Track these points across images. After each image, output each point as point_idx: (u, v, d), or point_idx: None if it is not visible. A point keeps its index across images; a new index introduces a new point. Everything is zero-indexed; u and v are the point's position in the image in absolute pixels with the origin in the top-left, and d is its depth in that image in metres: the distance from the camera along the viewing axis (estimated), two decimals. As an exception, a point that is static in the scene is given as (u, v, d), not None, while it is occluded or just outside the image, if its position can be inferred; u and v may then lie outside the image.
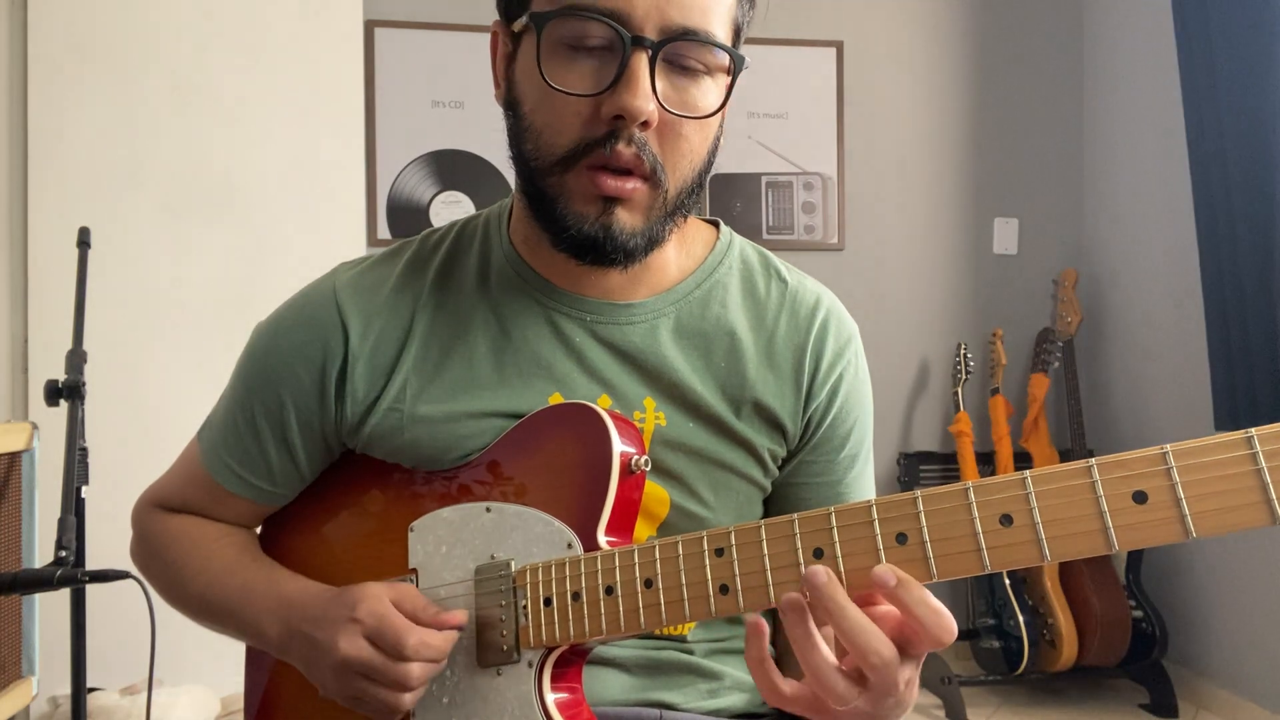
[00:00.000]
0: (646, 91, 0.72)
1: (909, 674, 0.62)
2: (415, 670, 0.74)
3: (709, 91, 0.77)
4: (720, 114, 0.79)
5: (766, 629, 0.65)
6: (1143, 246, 3.02)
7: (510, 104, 0.80)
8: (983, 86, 3.26)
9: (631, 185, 0.76)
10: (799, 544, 0.65)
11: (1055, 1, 3.28)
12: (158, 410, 2.36)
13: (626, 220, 0.77)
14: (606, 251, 0.78)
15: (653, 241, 0.79)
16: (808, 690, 0.64)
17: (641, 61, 0.72)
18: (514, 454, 0.81)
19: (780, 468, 0.89)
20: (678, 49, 0.74)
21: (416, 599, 0.77)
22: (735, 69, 0.77)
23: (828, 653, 0.63)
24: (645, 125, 0.74)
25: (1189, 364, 2.73)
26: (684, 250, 0.89)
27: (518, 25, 0.77)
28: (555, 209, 0.78)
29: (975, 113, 3.26)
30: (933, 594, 0.61)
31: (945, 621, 0.60)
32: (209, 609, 0.88)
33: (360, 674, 0.75)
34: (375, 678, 0.74)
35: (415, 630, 0.74)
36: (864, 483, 0.92)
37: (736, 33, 0.79)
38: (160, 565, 0.93)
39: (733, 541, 0.67)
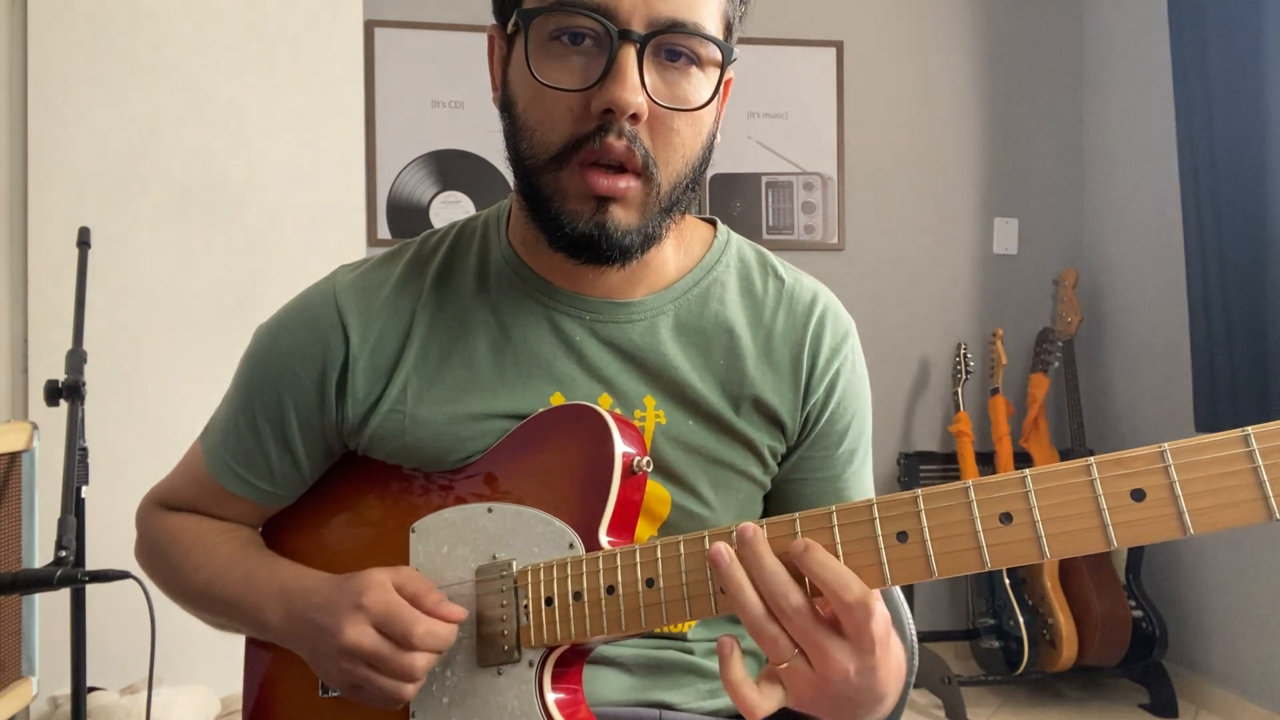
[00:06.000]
0: (635, 84, 0.72)
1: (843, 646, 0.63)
2: (420, 661, 0.74)
3: (700, 85, 0.77)
4: (712, 107, 0.79)
5: (736, 648, 0.66)
6: (1143, 246, 3.03)
7: (505, 105, 0.81)
8: (983, 86, 3.26)
9: (625, 184, 0.76)
10: (800, 543, 0.65)
11: (1055, 2, 3.29)
12: (158, 410, 2.36)
13: (621, 218, 0.77)
14: (602, 250, 0.77)
15: (649, 239, 0.79)
16: (778, 689, 0.65)
17: (629, 55, 0.72)
18: (516, 455, 0.81)
19: (780, 464, 0.89)
20: (666, 41, 0.74)
21: (419, 582, 0.78)
22: (725, 61, 0.77)
23: (757, 600, 0.64)
24: (635, 119, 0.74)
25: (1189, 364, 2.72)
26: (682, 248, 0.90)
27: (510, 26, 0.78)
28: (550, 208, 0.78)
29: (975, 113, 3.26)
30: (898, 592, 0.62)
31: (844, 581, 0.62)
32: (213, 602, 0.89)
33: (365, 662, 0.75)
34: (380, 667, 0.75)
35: (422, 620, 0.74)
36: (863, 478, 0.93)
37: (728, 27, 0.80)
38: (164, 562, 0.94)
39: (734, 541, 0.67)
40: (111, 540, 1.47)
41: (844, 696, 0.64)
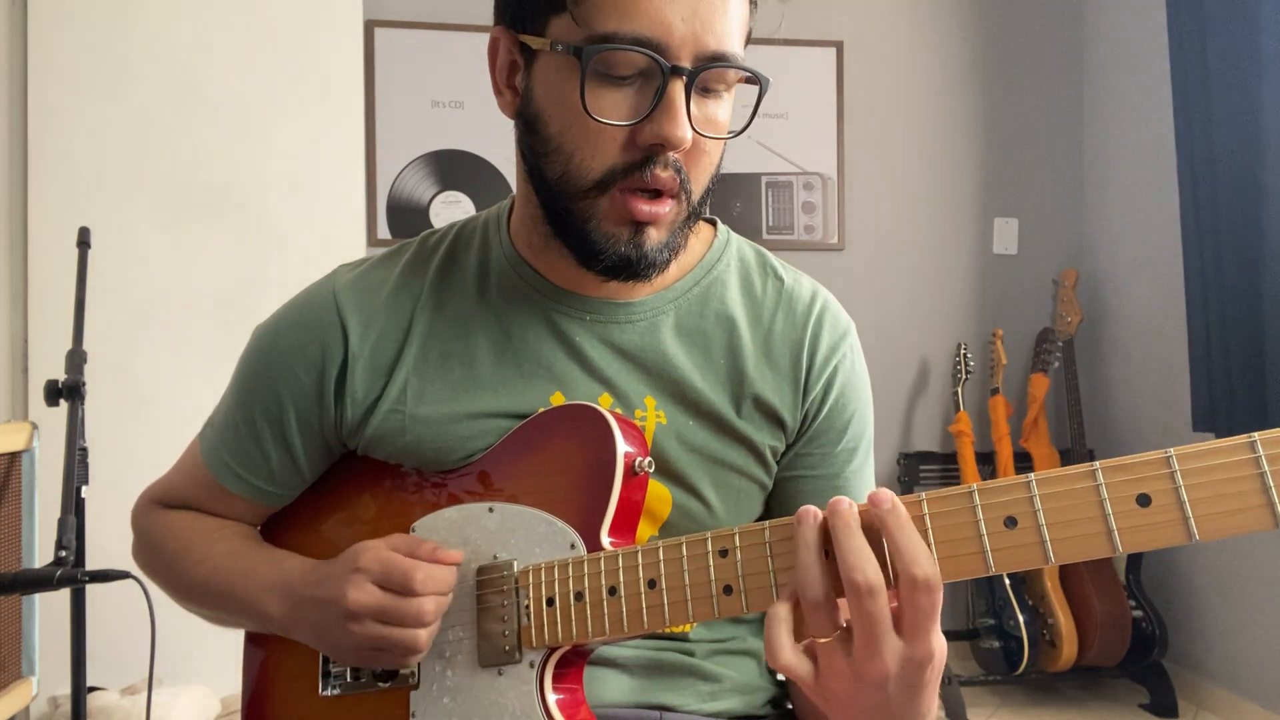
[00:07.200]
0: (685, 120, 0.74)
1: (899, 651, 0.60)
2: (429, 604, 0.75)
3: (727, 107, 0.79)
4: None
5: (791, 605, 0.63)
6: (1143, 247, 3.02)
7: (527, 119, 0.80)
8: (983, 86, 3.26)
9: (665, 208, 0.77)
10: (802, 545, 0.65)
11: (1055, 2, 3.28)
12: (158, 410, 2.36)
13: (656, 238, 0.78)
14: (639, 270, 0.79)
15: (675, 250, 0.81)
16: (809, 662, 0.62)
17: (679, 90, 0.73)
18: (517, 454, 0.81)
19: (779, 461, 0.89)
20: (710, 76, 0.75)
21: (411, 539, 0.79)
22: (761, 90, 0.78)
23: (824, 571, 0.61)
24: (680, 150, 0.75)
25: (1187, 364, 2.72)
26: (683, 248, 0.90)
27: (536, 43, 0.77)
28: (586, 231, 0.78)
29: (975, 112, 3.26)
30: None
31: (917, 554, 0.59)
32: (211, 596, 0.89)
33: (373, 618, 0.75)
34: (389, 619, 0.75)
35: (421, 565, 0.76)
36: (864, 477, 0.93)
37: (747, 37, 0.81)
38: (162, 558, 0.94)
39: (737, 543, 0.67)
40: (111, 540, 1.46)
41: (871, 705, 0.62)
